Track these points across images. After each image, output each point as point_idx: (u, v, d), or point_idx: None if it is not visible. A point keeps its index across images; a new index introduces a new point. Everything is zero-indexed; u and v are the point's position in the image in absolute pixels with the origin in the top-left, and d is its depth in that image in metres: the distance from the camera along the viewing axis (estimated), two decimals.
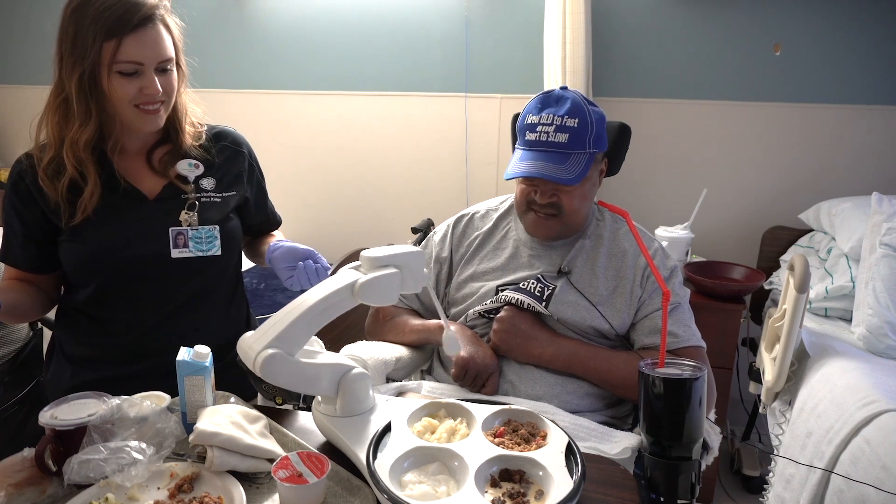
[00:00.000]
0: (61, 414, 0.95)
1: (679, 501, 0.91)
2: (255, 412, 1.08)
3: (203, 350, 1.08)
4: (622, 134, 1.45)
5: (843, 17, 2.38)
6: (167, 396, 1.10)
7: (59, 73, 1.20)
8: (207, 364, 1.07)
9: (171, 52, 1.24)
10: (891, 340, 1.87)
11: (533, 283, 1.41)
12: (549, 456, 0.94)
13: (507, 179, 1.37)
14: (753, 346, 2.39)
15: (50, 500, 0.91)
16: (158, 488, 0.94)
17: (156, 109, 1.25)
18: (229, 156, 1.44)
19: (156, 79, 1.21)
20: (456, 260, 1.55)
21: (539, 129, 1.34)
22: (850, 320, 2.08)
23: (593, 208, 1.50)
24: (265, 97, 3.16)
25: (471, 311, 1.45)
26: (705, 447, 1.24)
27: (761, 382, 1.87)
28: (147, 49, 1.18)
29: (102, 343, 1.34)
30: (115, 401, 0.97)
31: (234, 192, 1.42)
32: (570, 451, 0.95)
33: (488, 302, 1.43)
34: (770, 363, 1.82)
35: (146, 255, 1.30)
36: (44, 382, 1.42)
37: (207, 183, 1.38)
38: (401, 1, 2.83)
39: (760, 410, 1.97)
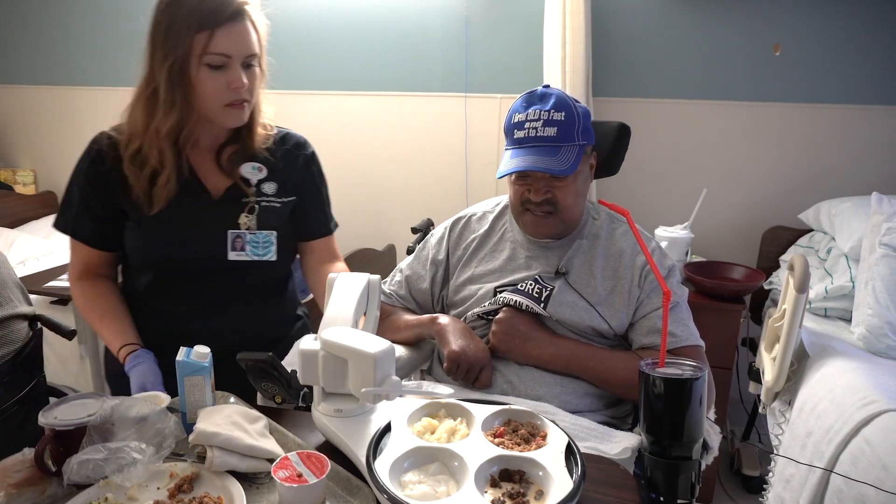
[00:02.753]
0: (61, 414, 0.95)
1: (679, 501, 0.91)
2: (255, 412, 1.08)
3: (203, 350, 1.08)
4: (621, 134, 1.45)
5: (843, 17, 2.38)
6: (167, 396, 1.10)
7: (150, 65, 1.23)
8: (207, 364, 1.07)
9: (257, 49, 1.26)
10: (890, 340, 1.87)
11: (531, 285, 1.41)
12: (549, 456, 0.94)
13: (500, 177, 1.38)
14: (753, 346, 2.39)
15: (49, 501, 0.91)
16: (158, 488, 0.94)
17: (241, 104, 1.27)
18: (292, 160, 1.44)
19: (242, 73, 1.23)
20: (453, 262, 1.55)
21: (527, 125, 1.35)
22: (849, 320, 2.08)
23: (588, 207, 1.50)
24: (264, 98, 3.16)
25: (469, 313, 1.45)
26: (705, 447, 1.24)
27: (761, 382, 1.87)
28: (236, 42, 1.21)
29: (152, 331, 1.37)
30: (115, 401, 0.97)
31: (293, 198, 1.43)
32: (569, 451, 0.95)
33: (486, 304, 1.43)
34: (770, 363, 1.82)
35: (203, 253, 1.33)
36: (42, 382, 1.44)
37: (269, 187, 1.39)
38: (401, 1, 2.83)
39: (760, 410, 1.97)
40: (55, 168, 3.75)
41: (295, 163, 1.45)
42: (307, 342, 1.06)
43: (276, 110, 1.43)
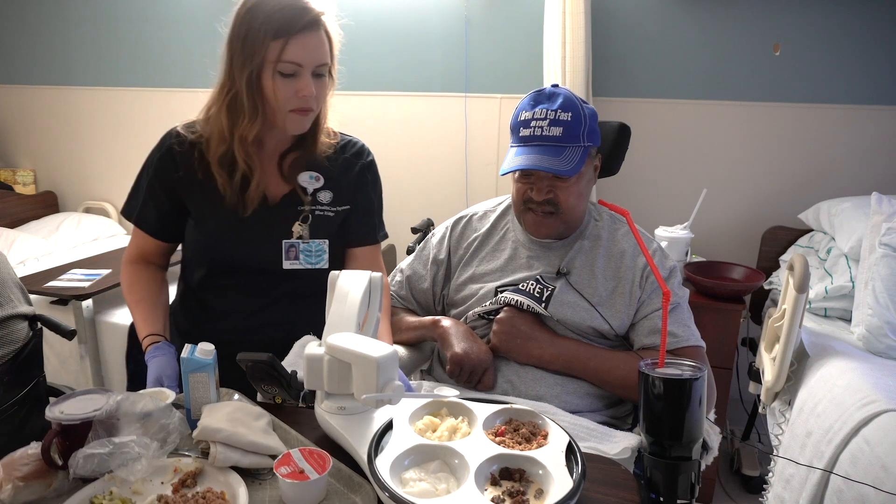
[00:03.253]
0: (68, 409, 0.96)
1: (679, 501, 0.91)
2: (258, 409, 1.09)
3: (207, 347, 1.09)
4: (622, 134, 1.45)
5: (843, 17, 2.39)
6: (172, 393, 1.12)
7: (229, 70, 1.26)
8: (211, 361, 1.08)
9: (328, 59, 1.27)
10: (890, 340, 1.88)
11: (532, 284, 1.41)
12: (550, 455, 0.94)
13: (503, 174, 1.38)
14: (753, 346, 2.39)
15: (55, 494, 0.92)
16: (162, 483, 0.95)
17: (307, 112, 1.29)
18: (349, 168, 1.45)
19: (311, 82, 1.25)
20: (454, 262, 1.55)
21: (533, 124, 1.35)
22: (849, 320, 2.09)
23: (590, 208, 1.50)
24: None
25: (470, 312, 1.45)
26: (705, 447, 1.24)
27: (761, 382, 1.87)
28: (308, 52, 1.22)
29: (198, 323, 1.44)
30: (120, 396, 0.98)
31: (347, 207, 1.44)
32: (570, 450, 0.96)
33: (488, 303, 1.43)
34: (770, 363, 1.82)
35: (257, 256, 1.37)
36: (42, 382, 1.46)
37: (324, 196, 1.41)
38: (400, 1, 2.83)
39: (760, 410, 1.97)
40: (55, 168, 3.75)
41: (351, 171, 1.46)
42: (312, 347, 1.07)
43: None
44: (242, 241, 1.36)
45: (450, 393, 1.23)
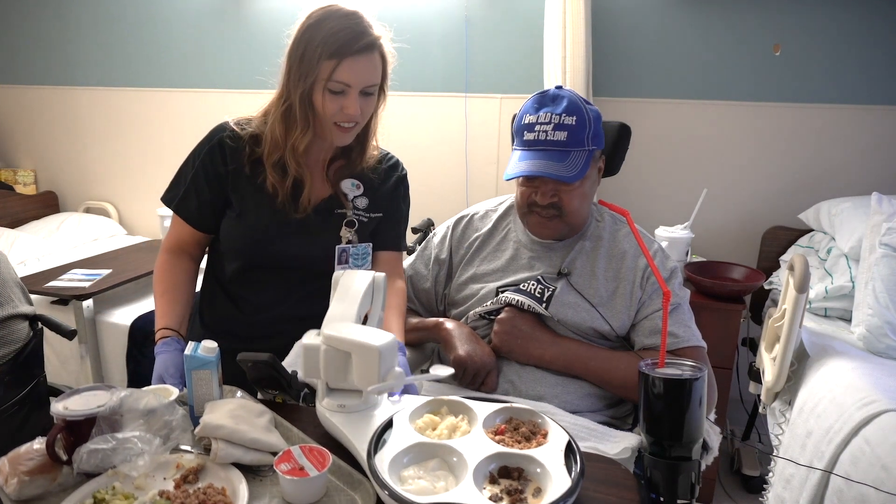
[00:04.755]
0: (72, 404, 0.97)
1: (679, 501, 0.91)
2: (260, 406, 1.09)
3: (210, 345, 1.10)
4: (622, 134, 1.45)
5: (843, 18, 2.39)
6: (175, 389, 1.13)
7: (286, 83, 1.31)
8: (214, 359, 1.09)
9: (378, 79, 1.32)
10: (890, 340, 1.88)
11: (533, 285, 1.41)
12: (549, 454, 0.94)
13: (508, 180, 1.38)
14: (753, 346, 2.40)
15: (60, 488, 0.93)
16: (164, 478, 0.95)
17: (350, 128, 1.33)
18: (386, 179, 1.51)
19: (357, 101, 1.29)
20: (455, 261, 1.55)
21: (537, 128, 1.34)
22: (849, 320, 2.09)
23: (592, 208, 1.50)
24: (264, 97, 3.16)
25: (471, 312, 1.45)
26: (705, 447, 1.24)
27: (761, 382, 1.87)
28: (358, 74, 1.26)
29: (232, 318, 1.46)
30: (124, 392, 0.99)
31: (380, 215, 1.49)
32: (569, 449, 0.95)
33: (489, 303, 1.43)
34: (770, 363, 1.82)
35: (304, 257, 1.41)
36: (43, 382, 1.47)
37: (361, 202, 1.46)
38: (401, 1, 2.84)
39: (760, 410, 1.97)
40: (56, 168, 3.76)
41: (387, 182, 1.51)
42: (309, 337, 1.07)
43: None
44: (288, 240, 1.40)
45: (445, 372, 1.23)
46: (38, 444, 0.96)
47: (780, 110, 2.53)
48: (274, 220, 1.39)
